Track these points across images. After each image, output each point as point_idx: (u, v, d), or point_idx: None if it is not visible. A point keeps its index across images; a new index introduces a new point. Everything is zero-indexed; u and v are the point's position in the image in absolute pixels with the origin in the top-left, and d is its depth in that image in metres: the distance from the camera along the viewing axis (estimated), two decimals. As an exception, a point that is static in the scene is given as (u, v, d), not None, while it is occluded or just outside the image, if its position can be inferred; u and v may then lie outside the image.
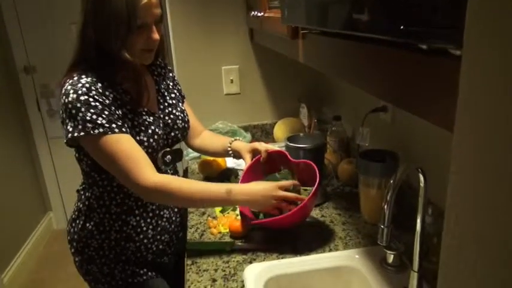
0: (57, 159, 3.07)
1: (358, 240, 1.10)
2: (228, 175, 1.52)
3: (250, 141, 1.81)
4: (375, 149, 1.18)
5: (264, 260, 1.04)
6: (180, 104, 1.28)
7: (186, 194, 1.03)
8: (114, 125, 0.99)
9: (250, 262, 1.03)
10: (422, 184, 0.71)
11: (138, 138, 1.06)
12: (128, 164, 0.99)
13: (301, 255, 1.05)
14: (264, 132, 1.95)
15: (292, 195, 1.08)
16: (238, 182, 1.47)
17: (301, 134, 1.39)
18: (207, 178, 1.55)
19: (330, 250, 1.07)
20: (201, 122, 1.41)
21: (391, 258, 0.95)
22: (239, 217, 1.20)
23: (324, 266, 1.01)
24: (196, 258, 1.07)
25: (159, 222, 1.18)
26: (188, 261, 1.06)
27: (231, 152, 1.33)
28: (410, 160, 1.11)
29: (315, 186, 1.07)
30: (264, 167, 1.24)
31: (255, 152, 1.27)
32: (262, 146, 1.25)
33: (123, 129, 1.01)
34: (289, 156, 1.19)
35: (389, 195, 0.68)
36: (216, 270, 1.01)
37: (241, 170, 1.58)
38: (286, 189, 1.09)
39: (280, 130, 1.81)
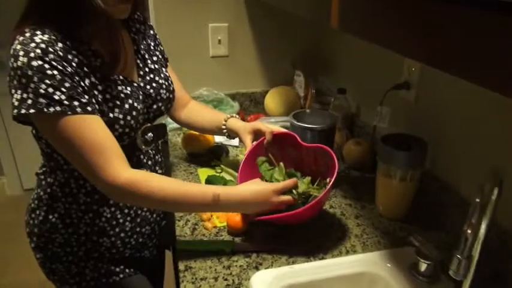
0: (9, 119, 2.71)
1: (377, 239, 0.96)
2: (217, 152, 1.31)
3: (238, 112, 1.61)
4: (398, 134, 1.02)
5: (272, 266, 0.87)
6: (164, 69, 1.05)
7: (165, 197, 0.84)
8: (76, 103, 0.76)
9: (256, 268, 0.87)
10: (494, 197, 0.55)
11: (111, 115, 0.84)
12: (92, 155, 0.78)
13: (314, 258, 0.90)
14: (253, 102, 1.73)
15: (289, 199, 0.92)
16: (229, 160, 1.28)
17: (308, 110, 1.20)
18: (192, 155, 1.34)
19: (347, 252, 0.92)
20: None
21: (423, 266, 0.82)
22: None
23: (344, 272, 0.86)
24: (190, 261, 0.88)
25: (139, 212, 0.98)
26: (181, 266, 0.88)
27: (225, 131, 1.12)
28: (437, 148, 0.96)
29: (333, 179, 0.89)
30: (268, 152, 1.05)
31: (256, 134, 1.07)
32: (266, 126, 1.05)
33: (89, 108, 0.78)
34: (299, 140, 1.00)
35: (474, 217, 0.51)
36: (216, 279, 0.84)
37: (232, 146, 1.38)
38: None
39: (273, 101, 1.61)
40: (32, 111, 0.73)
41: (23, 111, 0.74)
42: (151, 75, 0.98)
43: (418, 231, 0.98)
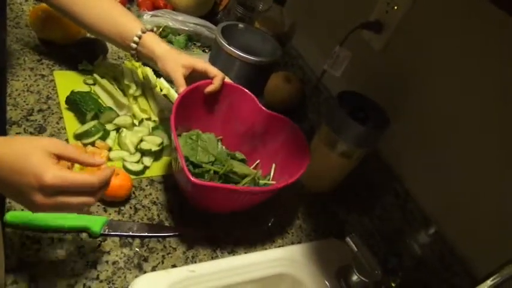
0: None
1: (299, 222, 0.76)
2: (88, 50, 0.86)
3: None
4: (357, 94, 0.77)
5: (162, 263, 0.60)
6: None
7: None
8: None
9: (139, 267, 0.58)
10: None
11: None
12: None
13: (222, 252, 0.65)
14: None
15: (88, 201, 0.47)
16: (107, 66, 0.86)
17: (241, 25, 0.84)
18: (47, 43, 0.86)
19: (264, 241, 0.70)
20: None
21: (357, 282, 0.65)
22: (130, 160, 0.68)
23: (259, 275, 0.64)
24: (27, 245, 0.54)
25: None
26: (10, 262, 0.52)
27: (134, 52, 0.70)
28: (392, 122, 0.75)
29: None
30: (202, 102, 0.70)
31: (193, 71, 0.68)
32: (214, 69, 0.67)
33: None
34: (258, 103, 0.67)
35: None
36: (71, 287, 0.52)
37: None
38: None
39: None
40: None
41: None
42: None
43: (342, 214, 0.81)
